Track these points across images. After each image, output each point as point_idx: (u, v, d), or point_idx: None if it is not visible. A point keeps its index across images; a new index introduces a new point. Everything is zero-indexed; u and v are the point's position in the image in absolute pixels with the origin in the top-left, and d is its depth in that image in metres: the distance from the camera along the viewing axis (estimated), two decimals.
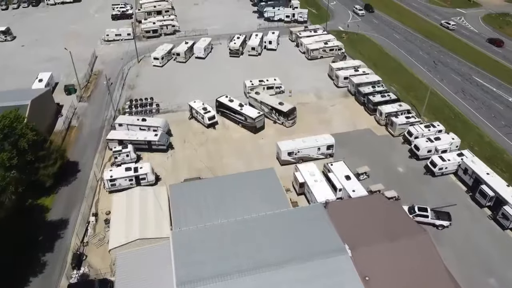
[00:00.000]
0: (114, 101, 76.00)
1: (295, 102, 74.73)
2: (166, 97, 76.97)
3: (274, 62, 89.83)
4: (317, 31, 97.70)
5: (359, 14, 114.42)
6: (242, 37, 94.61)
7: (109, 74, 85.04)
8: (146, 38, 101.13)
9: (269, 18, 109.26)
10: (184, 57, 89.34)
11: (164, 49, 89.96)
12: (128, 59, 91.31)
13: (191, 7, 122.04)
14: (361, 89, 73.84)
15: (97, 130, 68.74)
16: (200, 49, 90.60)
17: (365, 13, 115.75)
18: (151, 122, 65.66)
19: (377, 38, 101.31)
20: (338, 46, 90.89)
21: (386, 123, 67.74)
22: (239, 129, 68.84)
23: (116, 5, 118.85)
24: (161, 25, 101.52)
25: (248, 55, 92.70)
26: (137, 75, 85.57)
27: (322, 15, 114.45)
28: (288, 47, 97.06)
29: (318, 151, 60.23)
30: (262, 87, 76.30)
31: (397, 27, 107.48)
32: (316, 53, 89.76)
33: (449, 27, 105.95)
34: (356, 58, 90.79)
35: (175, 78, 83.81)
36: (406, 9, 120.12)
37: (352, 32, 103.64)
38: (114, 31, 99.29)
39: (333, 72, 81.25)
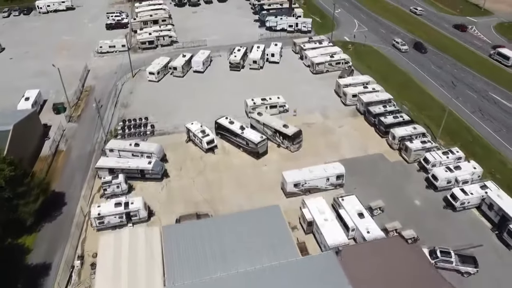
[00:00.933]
0: (106, 121, 70.82)
1: (300, 122, 69.65)
2: (162, 116, 71.81)
3: (277, 77, 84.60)
4: (322, 43, 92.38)
5: (401, 50, 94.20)
6: (242, 50, 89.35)
7: (101, 91, 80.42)
8: (141, 50, 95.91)
9: (271, 28, 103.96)
10: (181, 72, 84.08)
11: (160, 63, 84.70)
12: (122, 73, 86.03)
13: (190, 15, 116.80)
14: (372, 109, 68.57)
15: (86, 155, 63.42)
16: (199, 62, 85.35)
17: (410, 49, 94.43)
18: (145, 148, 60.40)
19: (385, 49, 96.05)
20: (345, 60, 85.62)
21: (399, 148, 62.45)
22: (240, 153, 63.58)
23: (111, 13, 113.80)
24: (157, 36, 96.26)
25: (249, 69, 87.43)
26: (131, 92, 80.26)
27: (326, 24, 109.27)
28: (291, 60, 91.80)
29: (327, 181, 54.97)
30: (265, 106, 71.04)
31: (406, 38, 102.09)
32: (322, 67, 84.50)
33: None
34: (363, 71, 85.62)
35: (171, 95, 78.54)
36: (414, 17, 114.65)
37: (358, 43, 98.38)
38: (108, 43, 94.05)
39: (340, 89, 76.00)
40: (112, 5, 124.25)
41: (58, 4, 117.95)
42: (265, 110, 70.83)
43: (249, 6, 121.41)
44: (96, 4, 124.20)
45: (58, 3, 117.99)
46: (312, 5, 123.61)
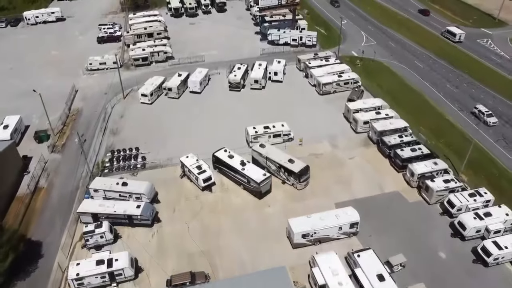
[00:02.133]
0: (92, 152, 64.35)
1: (306, 153, 63.26)
2: (154, 145, 65.27)
3: (280, 98, 78.01)
4: (328, 60, 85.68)
5: (488, 124, 69.64)
6: (243, 67, 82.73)
7: (89, 114, 74.03)
8: (134, 67, 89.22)
9: (274, 42, 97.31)
10: (176, 93, 77.46)
11: (153, 83, 78.05)
12: (113, 93, 79.31)
13: (187, 27, 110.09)
14: (386, 140, 61.94)
15: (68, 195, 56.78)
16: (195, 83, 78.73)
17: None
18: (134, 188, 53.82)
19: (396, 66, 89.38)
20: (354, 79, 79.00)
21: (419, 186, 55.89)
22: (240, 191, 57.03)
23: (103, 25, 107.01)
24: (151, 51, 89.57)
25: (251, 89, 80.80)
26: (122, 116, 73.64)
27: (332, 37, 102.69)
28: (296, 78, 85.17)
29: (339, 230, 48.37)
30: (268, 135, 64.45)
31: (417, 52, 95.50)
32: (329, 88, 77.90)
33: None
34: (373, 91, 79.20)
35: (165, 120, 71.96)
36: (426, 30, 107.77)
37: (367, 58, 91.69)
38: (98, 59, 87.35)
39: (350, 114, 69.40)
40: (105, 15, 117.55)
41: (47, 15, 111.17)
42: (268, 139, 64.34)
43: (250, 16, 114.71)
44: (88, 15, 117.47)
45: (47, 14, 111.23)
46: (316, 15, 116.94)
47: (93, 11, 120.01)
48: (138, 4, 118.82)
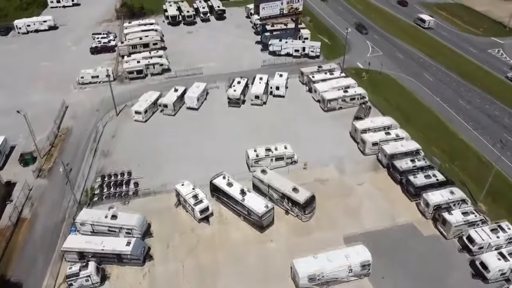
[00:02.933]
0: (81, 178, 59.85)
1: (311, 178, 58.82)
2: (148, 169, 60.84)
3: (282, 115, 73.55)
4: (333, 73, 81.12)
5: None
6: (243, 82, 78.24)
7: (79, 134, 69.66)
8: (129, 80, 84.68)
9: (275, 52, 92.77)
10: (172, 110, 72.96)
11: (148, 99, 73.55)
12: (105, 110, 74.76)
13: (184, 36, 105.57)
14: (397, 164, 57.40)
15: (53, 227, 52.27)
16: (193, 99, 74.22)
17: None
18: (124, 221, 49.32)
19: (405, 79, 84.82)
20: (360, 95, 74.47)
21: (434, 217, 51.35)
22: (240, 223, 52.53)
23: (97, 34, 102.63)
24: (147, 64, 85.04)
25: (251, 104, 76.27)
26: (114, 135, 69.11)
27: (336, 46, 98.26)
28: (298, 92, 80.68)
29: (349, 272, 43.83)
30: (270, 158, 59.92)
31: (426, 64, 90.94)
32: (334, 104, 73.38)
33: None
34: (381, 106, 74.82)
35: (160, 140, 67.43)
36: (435, 39, 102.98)
37: (374, 70, 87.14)
38: (90, 73, 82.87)
39: (357, 134, 64.87)
40: (100, 23, 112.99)
41: (39, 23, 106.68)
42: (270, 163, 59.84)
43: (250, 24, 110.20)
44: (82, 23, 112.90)
45: (39, 23, 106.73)
46: (319, 23, 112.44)
47: (87, 19, 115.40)
48: (133, 12, 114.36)
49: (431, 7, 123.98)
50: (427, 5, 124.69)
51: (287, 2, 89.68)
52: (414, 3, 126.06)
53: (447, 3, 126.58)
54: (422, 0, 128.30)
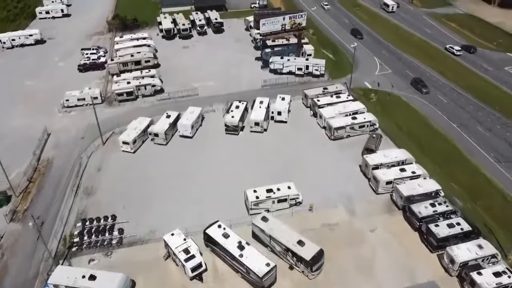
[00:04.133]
0: (59, 222, 53.36)
1: (318, 222, 52.56)
2: (135, 211, 54.55)
3: (285, 143, 67.12)
4: (340, 96, 74.64)
5: None
6: (242, 106, 71.81)
7: (61, 167, 63.55)
8: (118, 102, 78.19)
9: (276, 71, 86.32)
10: (164, 139, 66.47)
11: (137, 127, 67.05)
12: (91, 138, 68.41)
13: (179, 51, 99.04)
14: (415, 209, 50.92)
15: (23, 285, 45.76)
16: (186, 126, 67.75)
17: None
18: (103, 283, 42.75)
19: (417, 101, 78.32)
20: (370, 122, 68.02)
21: (460, 276, 44.86)
22: (238, 281, 45.99)
23: (86, 49, 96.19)
24: (138, 85, 78.55)
25: (250, 131, 69.83)
26: (99, 169, 62.64)
27: (341, 63, 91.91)
28: (302, 116, 74.25)
29: None
30: (272, 200, 53.45)
31: (439, 83, 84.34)
32: (342, 132, 66.94)
33: None
34: (393, 134, 68.46)
35: (150, 174, 61.05)
36: (446, 54, 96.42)
37: (383, 91, 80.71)
38: (76, 95, 76.43)
39: (368, 170, 58.40)
40: (90, 37, 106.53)
41: (24, 37, 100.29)
42: (272, 205, 53.44)
43: (249, 37, 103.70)
44: (71, 36, 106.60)
45: (24, 37, 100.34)
46: (323, 36, 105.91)
47: (77, 31, 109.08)
48: (126, 24, 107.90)
49: (439, 17, 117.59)
50: (435, 15, 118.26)
51: (290, 17, 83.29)
52: (421, 13, 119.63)
53: (456, 13, 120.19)
54: (430, 11, 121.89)
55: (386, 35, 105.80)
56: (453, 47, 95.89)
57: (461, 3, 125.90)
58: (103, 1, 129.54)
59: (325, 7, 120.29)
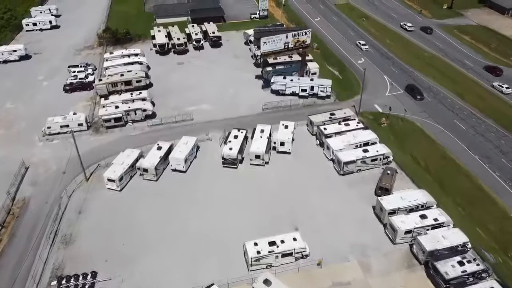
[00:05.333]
0: (33, 279, 46.53)
1: (328, 282, 46.28)
2: (119, 265, 47.89)
3: (288, 179, 60.49)
4: (348, 123, 67.84)
5: None
6: (241, 136, 65.02)
7: (38, 209, 56.25)
8: (105, 129, 71.36)
9: (279, 92, 79.54)
10: (154, 175, 59.65)
11: (124, 162, 60.19)
12: (74, 172, 61.60)
13: (174, 68, 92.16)
14: (441, 269, 44.18)
15: None
16: (179, 160, 60.93)
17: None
18: None
19: (432, 127, 71.54)
20: (384, 155, 61.25)
21: None
22: None
23: (74, 66, 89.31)
24: (127, 110, 71.70)
25: (250, 164, 63.03)
26: (80, 211, 55.77)
27: (348, 82, 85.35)
28: (307, 146, 67.48)
29: None
30: (275, 255, 46.64)
31: (456, 106, 77.43)
32: (352, 167, 60.20)
33: None
34: (407, 166, 62.01)
35: (137, 219, 54.30)
36: (462, 73, 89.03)
37: (394, 115, 73.94)
38: (59, 121, 69.61)
39: (384, 215, 51.64)
40: (79, 51, 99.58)
41: (8, 53, 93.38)
42: (275, 259, 46.66)
43: (248, 52, 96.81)
44: (59, 50, 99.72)
45: (8, 53, 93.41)
46: (328, 50, 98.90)
47: (65, 45, 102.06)
48: (118, 38, 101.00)
49: (451, 29, 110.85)
50: (446, 28, 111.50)
51: (293, 35, 76.52)
52: (432, 24, 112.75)
53: (469, 25, 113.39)
54: (441, 22, 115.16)
55: (396, 49, 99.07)
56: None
57: (473, 14, 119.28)
58: (95, 11, 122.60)
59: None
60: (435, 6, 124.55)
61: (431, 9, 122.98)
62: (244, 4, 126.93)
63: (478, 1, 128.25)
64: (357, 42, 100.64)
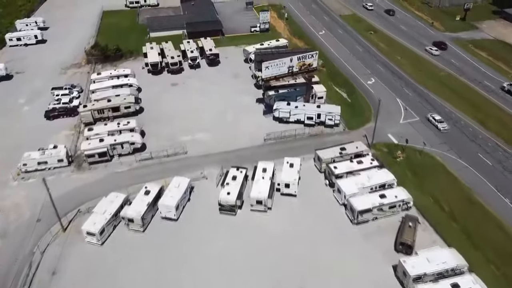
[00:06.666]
0: None
1: None
2: None
3: (294, 230, 53.06)
4: (362, 160, 60.22)
5: None
6: (240, 176, 57.57)
7: (6, 267, 48.30)
8: (89, 165, 63.75)
9: (282, 119, 72.05)
10: (141, 225, 52.08)
11: (107, 210, 52.59)
12: (50, 220, 53.87)
13: (167, 89, 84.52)
14: None
15: None
16: (170, 208, 53.36)
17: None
18: None
19: (455, 163, 63.98)
20: (403, 201, 53.69)
21: None
22: None
23: (58, 88, 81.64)
24: (113, 143, 64.08)
25: (251, 210, 55.46)
26: (54, 272, 48.12)
27: (357, 105, 78.40)
28: (315, 186, 59.94)
29: None
30: None
31: (478, 136, 69.89)
32: (368, 216, 52.62)
33: None
34: (429, 212, 54.74)
35: (120, 279, 46.91)
36: (485, 97, 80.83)
37: (412, 147, 66.40)
38: (37, 157, 62.04)
39: (407, 281, 44.14)
40: (65, 70, 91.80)
41: None
42: None
43: (249, 71, 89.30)
44: (44, 68, 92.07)
45: None
46: (334, 68, 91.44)
47: (51, 62, 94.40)
48: (107, 55, 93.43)
49: (466, 44, 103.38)
50: (461, 42, 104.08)
51: (298, 58, 68.93)
52: (445, 39, 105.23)
53: (485, 39, 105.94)
54: (455, 36, 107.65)
55: (408, 68, 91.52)
56: None
57: (488, 27, 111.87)
58: (85, 24, 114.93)
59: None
60: (447, 18, 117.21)
61: (443, 21, 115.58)
62: (244, 16, 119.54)
63: (493, 12, 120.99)
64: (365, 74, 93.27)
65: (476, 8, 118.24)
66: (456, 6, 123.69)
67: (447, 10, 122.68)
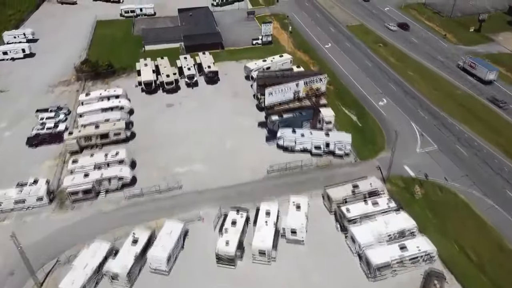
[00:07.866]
0: None
1: None
2: None
3: (302, 285, 46.20)
4: (377, 201, 53.57)
5: None
6: (241, 220, 51.17)
7: None
8: (72, 203, 57.23)
9: (287, 148, 65.53)
10: (127, 281, 45.55)
11: (88, 265, 46.09)
12: (24, 274, 47.33)
13: (162, 111, 77.91)
14: None
15: None
16: (160, 260, 46.87)
17: None
18: None
19: (480, 201, 57.40)
20: (426, 253, 47.09)
21: None
22: None
23: (43, 111, 75.16)
24: (99, 179, 57.54)
25: (253, 262, 48.93)
26: None
27: (369, 130, 72.06)
28: (325, 231, 53.38)
29: None
30: None
31: (504, 169, 63.26)
32: (386, 271, 45.96)
33: None
34: (455, 264, 48.45)
35: None
36: (508, 122, 73.68)
37: (432, 182, 59.79)
38: (13, 196, 55.58)
39: None
40: (53, 88, 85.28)
41: None
42: None
43: (250, 89, 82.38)
44: (30, 86, 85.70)
45: None
46: (340, 86, 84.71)
47: (38, 80, 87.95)
48: (98, 72, 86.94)
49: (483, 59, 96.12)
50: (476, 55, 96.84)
51: (305, 82, 62.38)
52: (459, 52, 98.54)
53: (502, 53, 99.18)
54: (470, 49, 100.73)
55: (422, 86, 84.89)
56: None
57: (505, 39, 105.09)
58: (77, 35, 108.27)
59: None
60: (461, 29, 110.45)
61: (456, 33, 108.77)
62: (244, 26, 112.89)
63: (508, 23, 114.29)
64: None
65: (490, 18, 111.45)
66: (469, 15, 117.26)
67: (460, 20, 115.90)
